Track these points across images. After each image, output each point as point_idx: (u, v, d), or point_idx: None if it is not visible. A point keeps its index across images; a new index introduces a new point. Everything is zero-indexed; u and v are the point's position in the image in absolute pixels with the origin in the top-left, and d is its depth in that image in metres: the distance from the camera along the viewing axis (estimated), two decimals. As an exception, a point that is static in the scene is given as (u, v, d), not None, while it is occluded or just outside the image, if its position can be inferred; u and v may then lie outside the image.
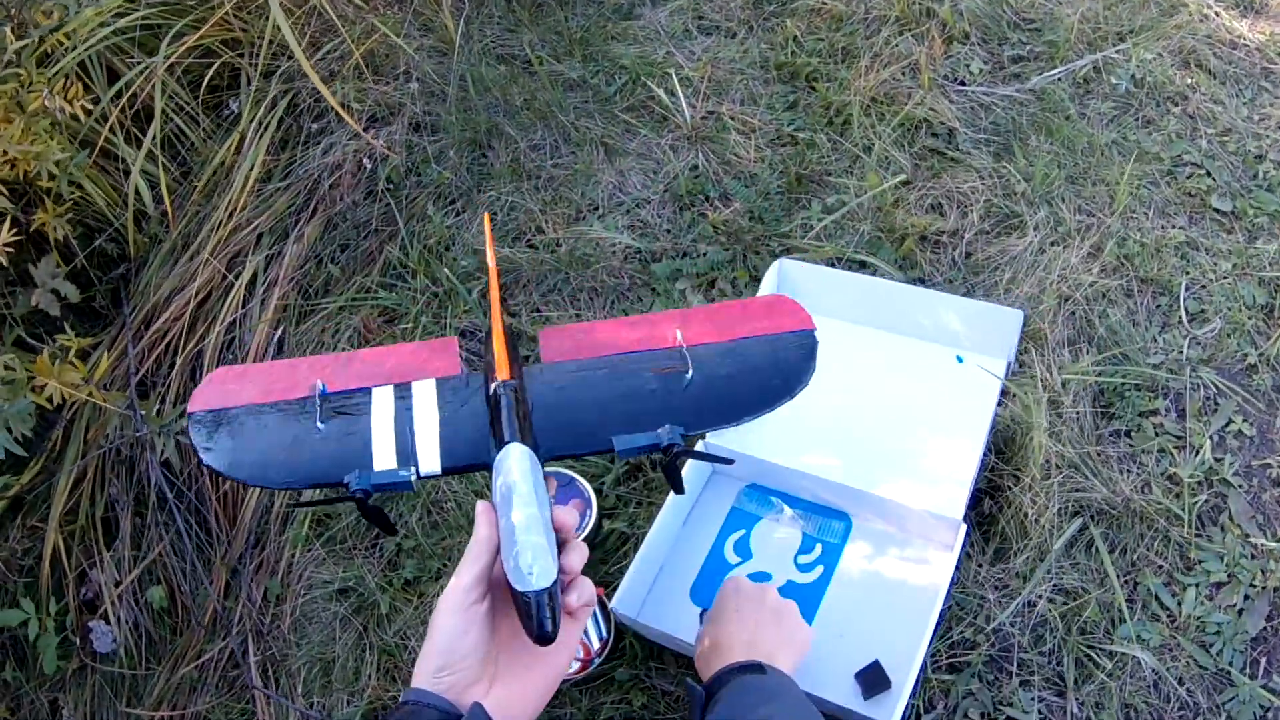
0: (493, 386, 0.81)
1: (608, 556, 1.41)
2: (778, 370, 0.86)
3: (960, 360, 1.50)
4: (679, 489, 0.84)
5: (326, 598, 1.47)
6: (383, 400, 0.83)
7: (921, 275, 1.64)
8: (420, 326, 1.64)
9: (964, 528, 1.28)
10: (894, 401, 1.47)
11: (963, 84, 1.91)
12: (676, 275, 1.69)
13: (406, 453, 0.77)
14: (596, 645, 1.28)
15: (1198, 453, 1.39)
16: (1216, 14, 1.98)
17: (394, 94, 1.91)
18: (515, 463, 0.73)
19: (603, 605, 1.29)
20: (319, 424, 0.79)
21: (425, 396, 0.83)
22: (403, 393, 0.83)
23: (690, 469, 1.39)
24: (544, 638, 0.68)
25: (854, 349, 1.55)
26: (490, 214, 1.76)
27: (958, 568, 1.31)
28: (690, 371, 0.84)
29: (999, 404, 1.44)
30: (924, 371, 1.50)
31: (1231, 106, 1.81)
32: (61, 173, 1.63)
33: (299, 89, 1.90)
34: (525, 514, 0.70)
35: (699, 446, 1.41)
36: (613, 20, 2.14)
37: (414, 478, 0.75)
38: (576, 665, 1.26)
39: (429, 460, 0.77)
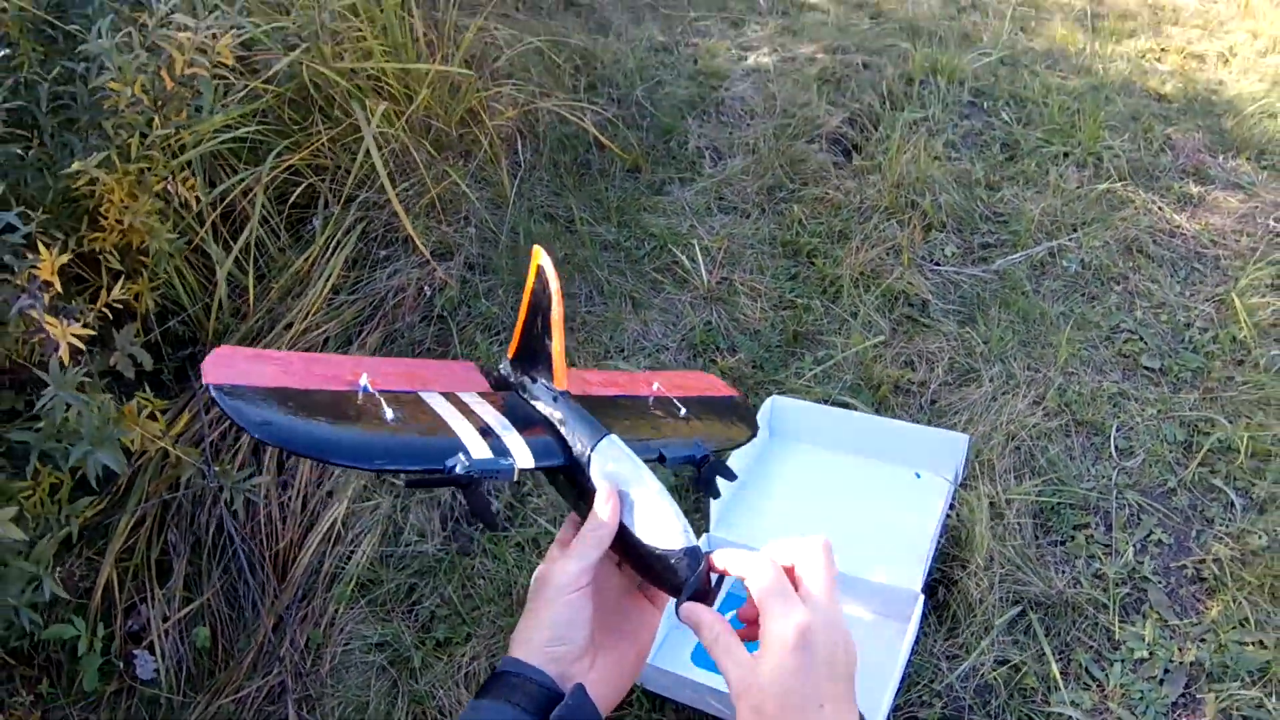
0: (554, 393, 0.85)
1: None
2: (738, 415, 1.07)
3: (919, 476, 1.92)
4: (716, 494, 0.90)
5: (364, 649, 1.85)
6: (440, 403, 0.81)
7: (894, 416, 2.08)
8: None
9: (921, 598, 1.66)
10: (864, 508, 1.89)
11: (937, 264, 2.42)
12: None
13: (498, 447, 0.76)
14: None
15: (1122, 556, 1.78)
16: (1160, 208, 2.51)
17: (454, 235, 2.45)
18: (621, 449, 0.77)
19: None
20: (388, 411, 0.76)
21: (479, 406, 0.83)
22: (454, 400, 0.83)
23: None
24: (703, 593, 0.72)
25: (831, 469, 1.98)
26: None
27: (917, 639, 1.68)
28: (684, 410, 0.95)
29: (950, 511, 1.85)
30: (888, 485, 1.92)
31: (1166, 284, 2.30)
32: (163, 252, 2.00)
33: (373, 218, 2.43)
34: (658, 484, 0.74)
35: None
36: (646, 194, 2.71)
37: (515, 467, 0.75)
38: None
39: (522, 455, 0.76)
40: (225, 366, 0.74)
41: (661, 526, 0.73)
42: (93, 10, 1.98)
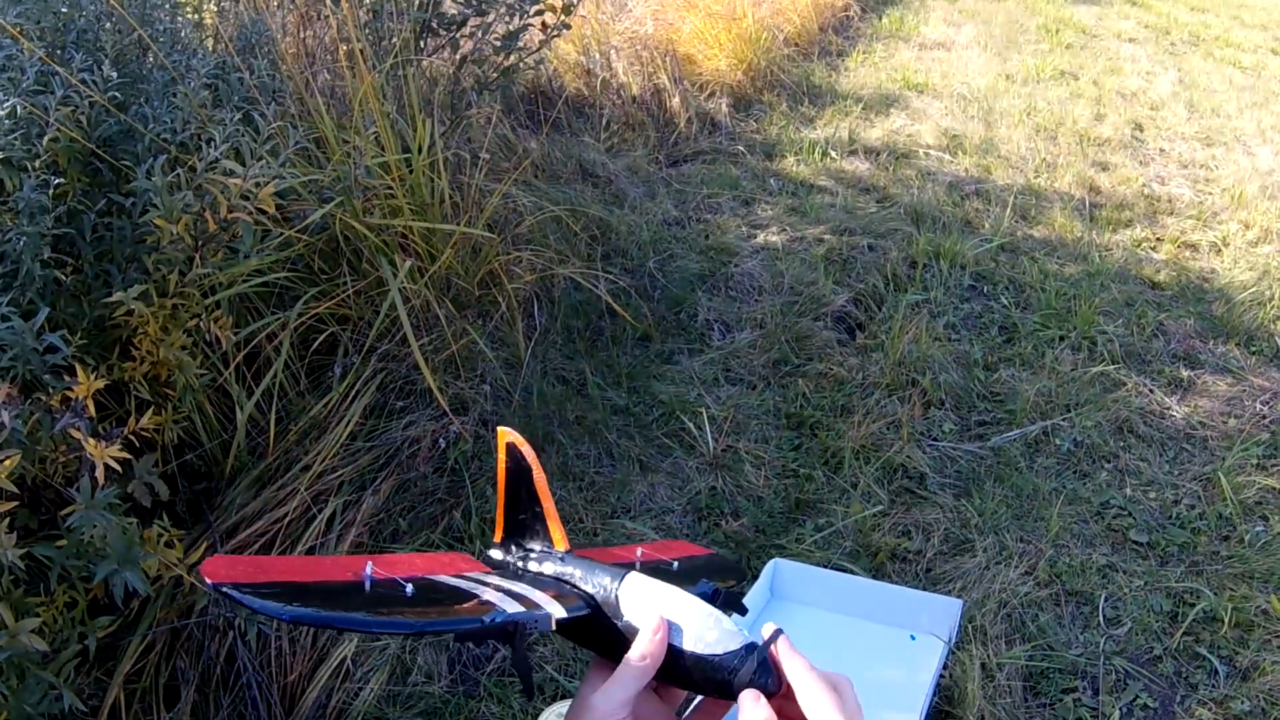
0: (558, 554, 0.89)
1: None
2: (723, 566, 1.18)
3: (913, 638, 2.14)
4: (744, 611, 0.91)
5: (378, 796, 2.03)
6: (454, 580, 0.85)
7: (891, 583, 2.31)
8: (480, 586, 2.31)
9: None
10: (861, 667, 2.09)
11: (935, 440, 2.69)
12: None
13: (529, 603, 0.79)
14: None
15: (1109, 719, 1.98)
16: (1151, 390, 2.80)
17: (470, 391, 2.71)
18: (647, 580, 0.80)
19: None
20: (407, 587, 0.78)
21: (491, 579, 0.86)
22: (466, 579, 0.86)
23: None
24: (767, 686, 0.75)
25: (830, 629, 2.19)
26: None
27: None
28: (675, 564, 1.02)
29: (943, 671, 2.05)
30: (885, 646, 2.13)
31: (1155, 463, 2.56)
32: (190, 386, 2.19)
33: (392, 369, 2.70)
34: (693, 598, 0.78)
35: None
36: (656, 362, 3.00)
37: (551, 616, 0.78)
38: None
39: (554, 609, 0.79)
40: (226, 569, 0.75)
41: (716, 632, 0.76)
42: (141, 149, 2.22)
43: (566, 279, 3.16)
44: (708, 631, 0.76)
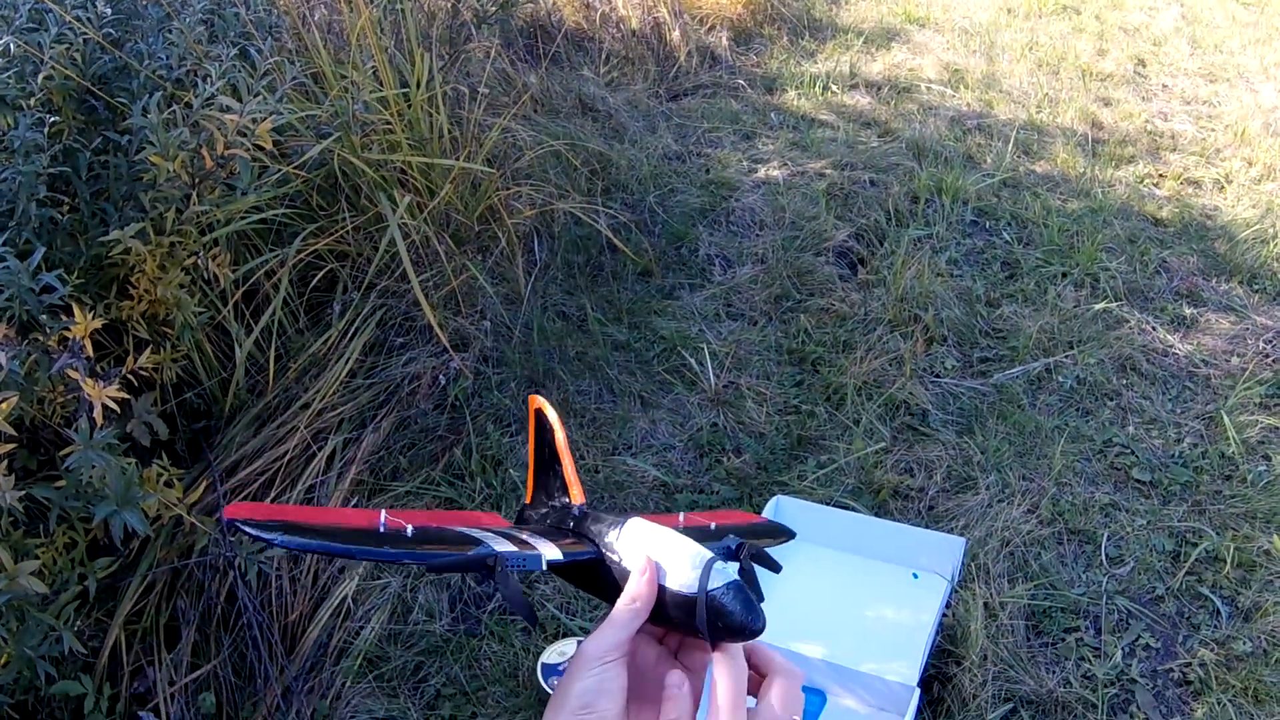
0: (573, 507, 0.88)
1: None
2: (770, 527, 1.10)
3: (916, 577, 2.09)
4: (777, 568, 0.89)
5: (375, 727, 1.99)
6: (463, 528, 0.85)
7: (893, 520, 2.26)
8: (481, 523, 2.26)
9: (917, 693, 1.82)
10: (863, 605, 2.05)
11: (938, 376, 2.63)
12: (693, 506, 2.33)
13: (524, 545, 0.79)
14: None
15: (1111, 658, 1.94)
16: (1154, 328, 2.73)
17: (470, 327, 2.65)
18: (647, 525, 0.79)
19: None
20: (408, 528, 0.79)
21: (502, 528, 0.87)
22: (478, 527, 0.86)
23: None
24: (753, 624, 0.73)
25: (832, 567, 2.15)
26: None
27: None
28: (714, 525, 0.98)
29: (946, 610, 2.01)
30: (887, 584, 2.09)
31: (1158, 402, 2.50)
32: (188, 324, 2.14)
33: (391, 306, 2.63)
34: (691, 541, 0.76)
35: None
36: (657, 298, 2.93)
37: (543, 558, 0.78)
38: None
39: (549, 550, 0.79)
40: (245, 512, 0.77)
41: (697, 572, 0.74)
42: (136, 86, 2.15)
43: (566, 214, 3.07)
44: (690, 571, 0.74)
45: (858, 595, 2.08)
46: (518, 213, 2.97)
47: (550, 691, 1.92)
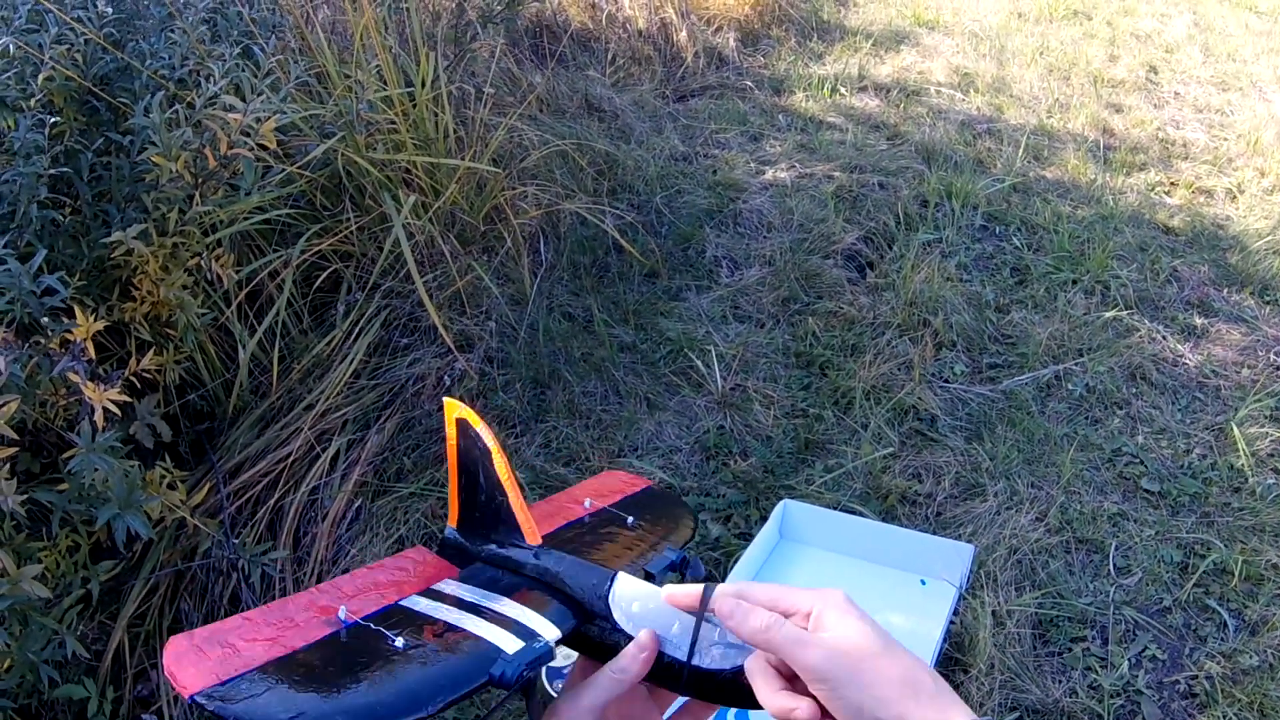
0: (531, 550, 0.85)
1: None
2: (669, 504, 1.09)
3: (924, 583, 2.11)
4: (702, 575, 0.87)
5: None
6: (427, 606, 0.81)
7: (900, 526, 2.27)
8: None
9: None
10: (870, 611, 2.06)
11: (947, 381, 2.64)
12: (700, 508, 2.34)
13: (521, 630, 0.75)
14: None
15: (1117, 669, 1.96)
16: (1164, 337, 2.75)
17: (475, 328, 2.66)
18: (637, 585, 0.77)
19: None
20: (395, 641, 0.74)
21: (461, 591, 0.83)
22: (433, 594, 0.82)
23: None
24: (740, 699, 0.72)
25: (839, 572, 2.16)
26: (545, 441, 2.45)
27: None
28: (629, 518, 0.99)
29: (954, 618, 2.03)
30: (895, 591, 2.10)
31: (1168, 412, 2.52)
32: (191, 326, 2.15)
33: (396, 306, 2.65)
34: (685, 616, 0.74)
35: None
36: (663, 299, 2.95)
37: (551, 645, 0.74)
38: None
39: (545, 629, 0.76)
40: (194, 664, 0.70)
41: (721, 639, 0.73)
42: (139, 86, 2.17)
43: (573, 214, 3.09)
44: (712, 648, 0.73)
45: (865, 601, 2.08)
46: (523, 213, 2.99)
47: (553, 694, 1.93)
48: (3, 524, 1.74)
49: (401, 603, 0.81)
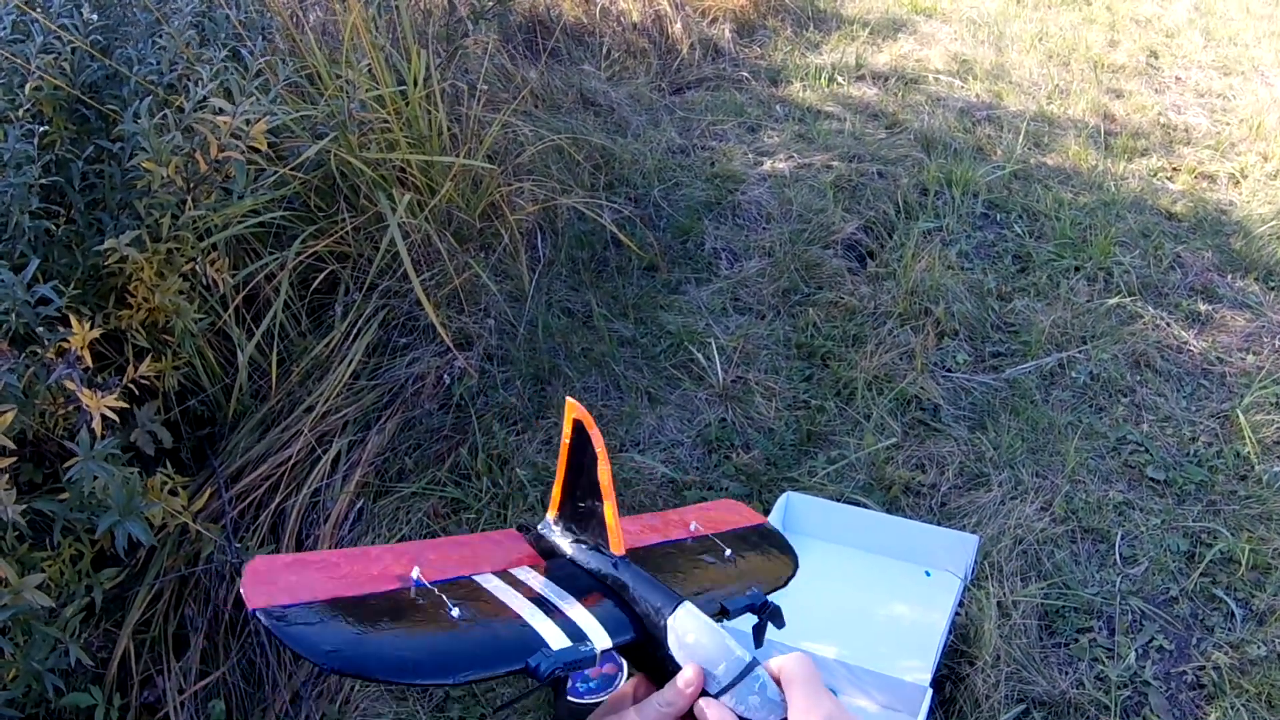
0: (614, 560, 0.86)
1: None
2: (775, 546, 1.06)
3: (929, 574, 2.10)
4: (761, 643, 0.89)
5: (385, 733, 2.01)
6: (497, 586, 0.83)
7: (904, 517, 2.27)
8: (484, 518, 2.27)
9: (929, 693, 1.82)
10: (875, 603, 2.06)
11: (949, 371, 2.64)
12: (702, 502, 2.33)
13: (573, 631, 0.77)
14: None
15: (1124, 660, 1.95)
16: (1168, 324, 2.74)
17: (473, 325, 2.66)
18: (698, 618, 0.77)
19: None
20: (453, 610, 0.77)
21: (535, 580, 0.85)
22: (508, 578, 0.85)
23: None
24: None
25: (844, 564, 2.16)
26: (546, 438, 2.44)
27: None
28: (728, 550, 0.98)
29: (959, 609, 2.02)
30: (900, 582, 2.09)
31: (1173, 399, 2.51)
32: (188, 331, 2.14)
33: (394, 306, 2.64)
34: (747, 654, 0.74)
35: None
36: (663, 292, 2.94)
37: (595, 653, 0.76)
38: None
39: (598, 636, 0.77)
40: (266, 584, 0.74)
41: (759, 698, 0.73)
42: (127, 92, 2.16)
43: (570, 209, 3.08)
44: (750, 696, 0.73)
45: (870, 593, 2.09)
46: (520, 209, 2.98)
47: (565, 695, 1.93)
48: (5, 534, 1.74)
49: (475, 577, 0.84)
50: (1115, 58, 4.62)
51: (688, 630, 0.77)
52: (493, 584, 0.83)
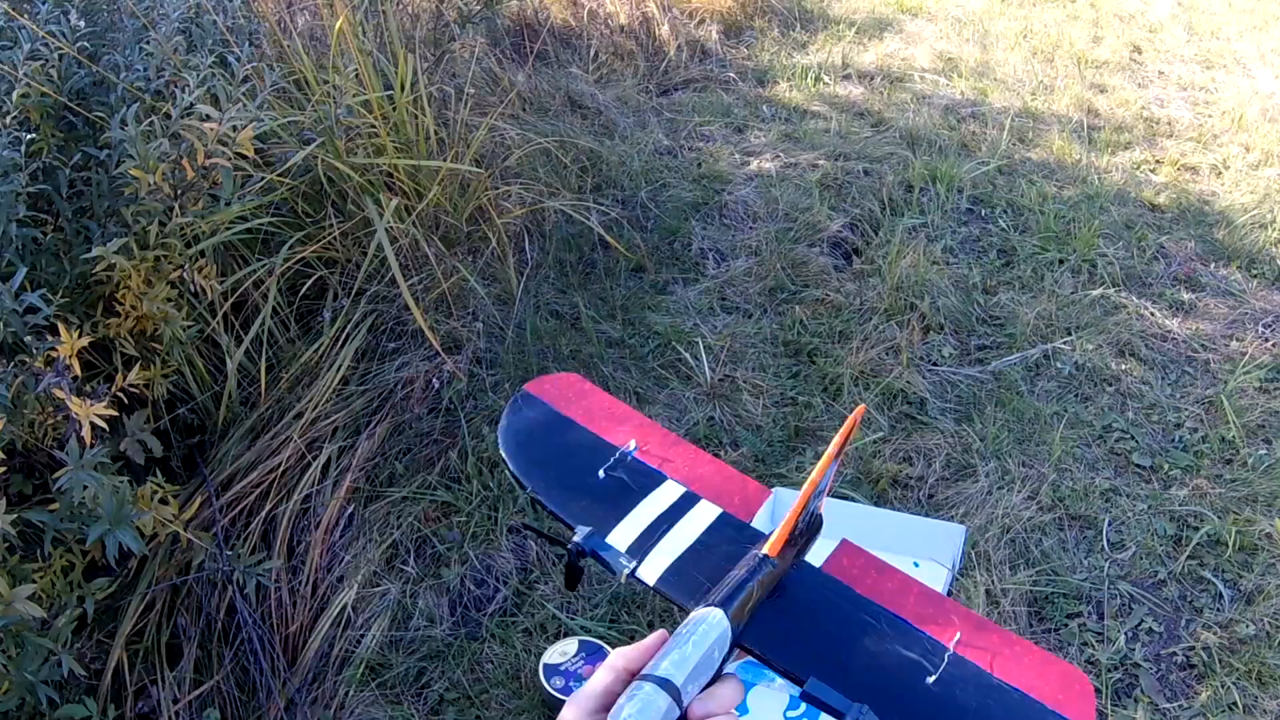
0: (756, 553, 0.86)
1: None
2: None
3: (917, 565, 2.11)
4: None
5: (381, 734, 2.02)
6: (666, 493, 0.93)
7: (892, 509, 2.28)
8: (474, 520, 2.29)
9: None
10: (863, 597, 2.08)
11: (935, 364, 2.65)
12: (690, 500, 2.35)
13: (641, 548, 0.84)
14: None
15: (1114, 643, 1.97)
16: (1152, 313, 2.76)
17: (462, 329, 2.67)
18: (708, 627, 0.75)
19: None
20: (601, 473, 0.91)
21: (700, 517, 0.92)
22: (687, 500, 0.93)
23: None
24: None
25: (833, 558, 2.17)
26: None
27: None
28: (934, 678, 0.81)
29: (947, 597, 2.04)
30: (888, 574, 2.11)
31: (1158, 386, 2.53)
32: (177, 339, 2.15)
33: (382, 311, 2.65)
34: (666, 670, 0.71)
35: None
36: (650, 293, 2.96)
37: (627, 571, 0.82)
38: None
39: (651, 570, 0.83)
40: (549, 386, 0.97)
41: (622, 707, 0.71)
42: (115, 99, 2.16)
43: (557, 212, 3.10)
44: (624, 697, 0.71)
45: (858, 586, 2.11)
46: (507, 212, 2.99)
47: (558, 696, 1.94)
48: (-3, 546, 1.75)
49: (670, 478, 0.95)
50: (1099, 53, 4.65)
51: (693, 627, 0.75)
52: (666, 491, 0.94)
